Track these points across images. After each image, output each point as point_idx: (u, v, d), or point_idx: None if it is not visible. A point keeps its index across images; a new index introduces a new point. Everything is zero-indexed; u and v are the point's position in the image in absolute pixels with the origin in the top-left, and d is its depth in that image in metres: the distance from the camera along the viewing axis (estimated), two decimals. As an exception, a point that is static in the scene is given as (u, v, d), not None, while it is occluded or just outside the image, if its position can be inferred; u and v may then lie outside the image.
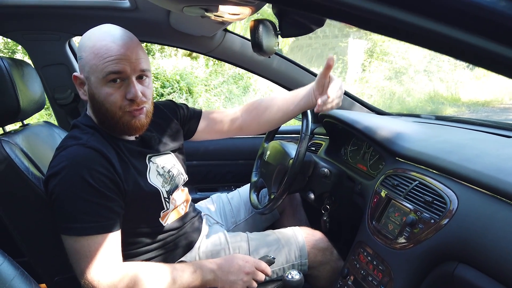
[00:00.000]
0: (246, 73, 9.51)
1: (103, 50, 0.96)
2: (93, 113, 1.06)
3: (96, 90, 0.99)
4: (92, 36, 0.99)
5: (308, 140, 1.28)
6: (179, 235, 1.20)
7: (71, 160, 0.95)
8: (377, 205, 1.17)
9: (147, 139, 1.16)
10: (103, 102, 1.00)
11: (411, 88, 10.63)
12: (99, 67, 0.96)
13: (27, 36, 1.54)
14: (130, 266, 0.99)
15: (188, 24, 1.36)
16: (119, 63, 0.96)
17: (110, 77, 0.97)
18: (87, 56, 0.97)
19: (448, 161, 1.02)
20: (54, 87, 1.64)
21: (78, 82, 1.04)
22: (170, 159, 1.22)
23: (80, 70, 1.02)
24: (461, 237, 0.86)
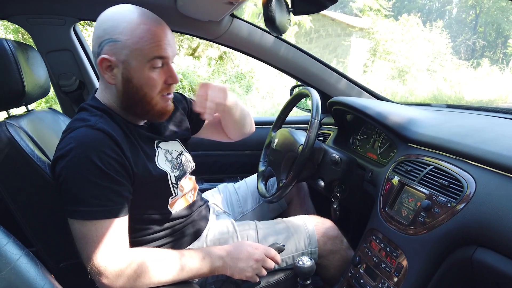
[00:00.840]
0: (248, 72, 9.56)
1: (149, 34, 0.94)
2: (121, 97, 1.02)
3: (136, 74, 0.97)
4: (128, 18, 0.95)
5: (318, 126, 1.25)
6: (187, 223, 1.18)
7: (79, 141, 0.92)
8: (389, 192, 1.14)
9: (156, 125, 1.15)
10: (142, 87, 0.98)
11: (414, 87, 10.63)
12: (144, 51, 0.95)
13: (31, 20, 1.51)
14: (137, 252, 0.96)
15: (195, 6, 1.34)
16: (166, 48, 0.97)
17: (155, 61, 0.96)
18: (127, 40, 0.94)
19: (464, 144, 0.99)
20: (59, 74, 1.62)
21: (105, 65, 0.97)
22: (177, 146, 1.20)
23: (109, 53, 0.95)
24: (480, 220, 0.83)
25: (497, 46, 20.97)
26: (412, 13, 13.97)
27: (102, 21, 0.97)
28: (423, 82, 10.82)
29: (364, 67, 12.37)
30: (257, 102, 8.13)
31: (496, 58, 17.09)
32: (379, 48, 12.14)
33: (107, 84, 1.02)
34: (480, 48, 19.88)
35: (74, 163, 0.90)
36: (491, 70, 12.15)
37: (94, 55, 0.99)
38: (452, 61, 12.74)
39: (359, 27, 13.72)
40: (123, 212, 0.94)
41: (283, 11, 0.92)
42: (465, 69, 12.36)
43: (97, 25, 0.97)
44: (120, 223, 0.93)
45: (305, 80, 1.83)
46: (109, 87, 1.02)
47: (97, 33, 0.97)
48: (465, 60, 13.81)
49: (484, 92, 9.83)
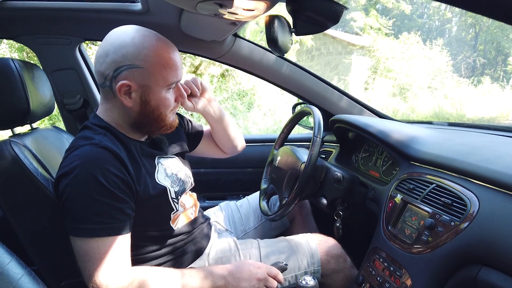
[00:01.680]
0: (250, 90, 9.63)
1: (170, 62, 1.00)
2: (136, 117, 1.04)
3: (155, 96, 1.01)
4: (148, 45, 0.97)
5: (320, 143, 1.25)
6: (188, 240, 1.18)
7: (83, 159, 0.93)
8: (392, 210, 1.13)
9: (157, 141, 1.18)
10: (159, 107, 1.03)
11: (415, 105, 10.66)
12: (165, 77, 1.00)
13: (37, 40, 1.54)
14: (139, 270, 0.96)
15: (199, 27, 1.36)
16: (180, 73, 1.05)
17: (172, 85, 1.04)
18: (149, 66, 0.97)
19: (466, 163, 0.99)
20: (63, 92, 1.64)
21: (124, 90, 0.98)
22: (176, 162, 1.21)
23: (129, 79, 0.97)
24: (484, 240, 0.83)
25: (497, 64, 21.11)
26: (412, 31, 14.12)
27: (119, 46, 0.96)
28: (424, 100, 10.86)
29: (365, 84, 12.45)
30: (259, 119, 8.16)
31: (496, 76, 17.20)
32: (380, 66, 12.23)
33: (116, 105, 1.03)
34: (480, 66, 20.03)
35: (78, 181, 0.91)
36: (492, 88, 12.20)
37: (105, 77, 0.99)
38: (453, 78, 12.81)
39: (360, 45, 13.87)
40: (125, 230, 0.94)
41: (285, 32, 0.94)
42: (466, 86, 12.41)
43: (113, 49, 0.97)
44: (123, 241, 0.93)
45: (307, 98, 1.85)
46: (119, 107, 1.04)
47: (113, 57, 0.96)
48: (465, 78, 13.90)
49: (485, 109, 9.85)
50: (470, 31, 23.31)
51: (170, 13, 1.31)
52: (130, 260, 0.95)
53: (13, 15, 1.43)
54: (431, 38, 15.58)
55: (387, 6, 20.59)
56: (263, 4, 0.86)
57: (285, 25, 0.94)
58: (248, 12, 0.92)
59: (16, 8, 1.41)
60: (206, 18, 1.19)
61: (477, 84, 12.95)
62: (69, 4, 1.42)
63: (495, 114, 9.66)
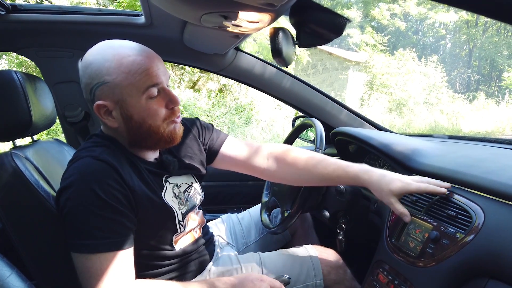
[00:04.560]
0: (248, 105, 9.68)
1: (135, 66, 0.90)
2: (127, 136, 0.99)
3: (135, 109, 0.93)
4: (109, 57, 0.91)
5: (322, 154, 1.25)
6: (191, 259, 1.15)
7: (81, 173, 0.91)
8: (395, 223, 1.13)
9: (166, 163, 1.10)
10: (145, 120, 0.95)
11: (411, 120, 10.73)
12: (136, 85, 0.91)
13: (40, 53, 1.54)
14: (142, 284, 0.93)
15: (201, 40, 1.37)
16: (156, 74, 0.93)
17: (150, 91, 0.92)
18: (115, 78, 0.90)
19: (470, 175, 0.99)
20: (65, 105, 1.64)
21: (102, 111, 0.93)
22: (188, 178, 1.18)
23: (102, 97, 0.92)
24: (490, 252, 0.82)
25: (492, 79, 21.38)
26: (407, 48, 14.31)
27: (85, 67, 0.93)
28: (420, 115, 10.95)
29: (361, 100, 12.54)
30: (257, 133, 8.17)
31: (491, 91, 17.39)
32: (376, 81, 12.35)
33: (108, 128, 1.00)
34: (475, 82, 20.26)
35: (77, 195, 0.89)
36: (487, 103, 12.33)
37: (89, 103, 0.97)
38: (448, 94, 12.94)
39: (356, 61, 14.02)
40: (128, 244, 0.91)
41: (289, 44, 0.95)
42: (461, 102, 12.52)
43: (81, 73, 0.94)
44: (125, 255, 0.91)
45: (307, 111, 1.86)
46: (112, 130, 0.99)
47: (84, 81, 0.94)
48: (460, 94, 14.04)
49: (481, 124, 9.93)
50: (464, 48, 23.65)
51: (174, 27, 1.32)
52: (133, 273, 0.93)
53: (16, 28, 1.44)
54: (426, 54, 15.82)
55: (382, 23, 20.91)
56: (267, 16, 0.87)
57: (289, 37, 0.95)
58: (252, 25, 0.92)
59: (19, 21, 1.41)
60: (209, 32, 1.20)
61: (472, 100, 13.08)
62: (72, 17, 1.43)
63: (490, 129, 9.73)
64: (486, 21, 21.64)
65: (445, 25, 24.03)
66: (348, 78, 14.23)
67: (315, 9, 0.92)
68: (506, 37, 21.55)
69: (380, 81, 12.27)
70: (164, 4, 0.96)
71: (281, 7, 0.81)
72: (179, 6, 0.92)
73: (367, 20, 21.98)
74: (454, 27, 24.26)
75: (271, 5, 0.78)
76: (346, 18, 0.91)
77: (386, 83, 12.13)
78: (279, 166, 1.25)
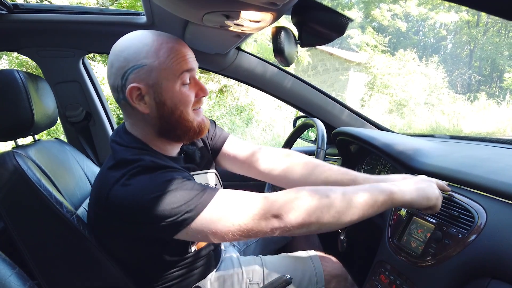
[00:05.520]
0: (248, 105, 9.69)
1: (173, 51, 0.91)
2: (158, 124, 0.96)
3: (169, 94, 0.92)
4: (147, 41, 0.91)
5: (324, 155, 1.25)
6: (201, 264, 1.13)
7: None
8: (397, 223, 1.13)
9: (190, 153, 1.11)
10: (177, 106, 0.94)
11: (412, 120, 10.73)
12: (172, 69, 0.91)
13: (41, 52, 1.54)
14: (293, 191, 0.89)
15: (203, 40, 1.37)
16: (190, 60, 0.94)
17: (184, 76, 0.93)
18: (154, 62, 0.90)
19: (473, 175, 0.99)
20: (66, 104, 1.64)
21: (135, 95, 0.92)
22: (212, 178, 1.16)
23: (137, 81, 0.91)
24: (493, 252, 0.82)
25: (493, 80, 21.37)
26: (408, 48, 14.30)
27: (120, 51, 0.92)
28: (421, 115, 10.93)
29: (361, 101, 12.54)
30: (257, 134, 8.17)
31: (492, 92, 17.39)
32: (376, 82, 12.34)
33: (138, 117, 0.97)
34: (475, 82, 20.26)
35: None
36: (488, 104, 12.31)
37: (117, 89, 0.94)
38: (449, 94, 12.93)
39: (356, 61, 14.02)
40: None
41: (291, 43, 0.95)
42: (462, 102, 12.51)
43: (114, 57, 0.93)
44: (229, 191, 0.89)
45: (308, 111, 1.85)
46: (140, 119, 0.97)
47: (117, 65, 0.92)
48: (461, 94, 14.03)
49: (482, 125, 9.92)
50: (465, 48, 23.65)
51: (175, 27, 1.32)
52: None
53: (18, 28, 1.44)
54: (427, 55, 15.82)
55: (383, 23, 20.92)
56: (269, 15, 0.87)
57: (291, 37, 0.95)
58: (254, 24, 0.92)
59: (21, 21, 1.41)
60: (211, 31, 1.19)
61: (473, 100, 13.07)
62: (74, 16, 1.43)
63: (491, 129, 9.72)
64: (487, 22, 21.65)
65: (445, 25, 24.03)
66: (348, 78, 14.22)
67: (317, 8, 0.92)
68: (507, 37, 21.55)
69: (380, 82, 12.26)
70: (166, 3, 0.96)
71: (283, 6, 0.81)
72: (181, 5, 0.92)
73: (367, 21, 21.99)
74: (455, 27, 24.26)
75: (274, 4, 0.77)
76: (348, 17, 0.90)
77: (386, 83, 12.12)
78: (281, 169, 1.22)
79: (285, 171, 1.21)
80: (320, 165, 1.17)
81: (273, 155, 1.24)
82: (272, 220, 0.83)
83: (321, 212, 0.84)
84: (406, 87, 11.93)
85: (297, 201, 0.85)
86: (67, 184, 1.14)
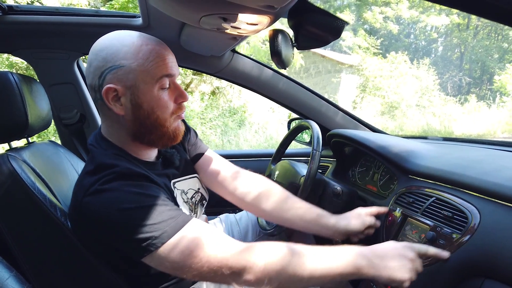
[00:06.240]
0: (241, 107, 9.68)
1: (153, 54, 0.89)
2: (132, 127, 0.94)
3: (146, 97, 0.91)
4: (127, 42, 0.89)
5: (319, 157, 1.26)
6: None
7: None
8: (392, 224, 1.14)
9: (169, 157, 1.08)
10: (154, 110, 0.92)
11: (404, 122, 10.81)
12: (151, 72, 0.89)
13: (36, 54, 1.53)
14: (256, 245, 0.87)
15: (199, 42, 1.37)
16: (171, 66, 0.93)
17: (163, 81, 0.91)
18: (132, 63, 0.88)
19: (466, 176, 1.00)
20: (60, 107, 1.63)
21: (111, 95, 0.90)
22: (195, 183, 1.15)
23: (114, 82, 0.89)
24: (486, 252, 0.83)
25: (483, 82, 21.59)
26: (399, 51, 14.42)
27: (99, 50, 0.90)
28: (412, 118, 11.02)
29: (353, 103, 12.61)
30: (250, 136, 8.17)
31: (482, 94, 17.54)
32: (368, 84, 12.43)
33: (113, 118, 0.95)
34: (466, 85, 20.45)
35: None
36: (478, 106, 12.45)
37: (94, 89, 0.92)
38: (440, 97, 13.05)
39: (349, 64, 14.11)
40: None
41: (288, 46, 0.95)
42: (453, 104, 12.63)
43: (93, 56, 0.91)
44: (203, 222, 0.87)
45: (303, 113, 1.86)
46: (115, 121, 0.95)
47: (95, 64, 0.90)
48: (452, 96, 14.16)
49: (473, 127, 10.02)
50: (455, 51, 23.89)
51: (171, 29, 1.32)
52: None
53: (13, 29, 1.43)
54: (418, 57, 15.91)
55: (375, 26, 21.08)
56: (266, 18, 0.87)
57: (288, 39, 0.95)
58: (251, 27, 0.93)
59: (16, 22, 1.40)
60: (207, 34, 1.20)
61: (463, 102, 13.20)
62: (69, 18, 1.42)
63: (482, 131, 9.83)
64: (477, 25, 21.91)
65: (436, 28, 24.25)
66: (340, 81, 14.30)
67: (313, 11, 0.93)
68: (497, 40, 21.81)
69: (372, 84, 12.35)
70: (163, 6, 0.96)
71: (280, 9, 0.82)
72: (178, 8, 0.92)
73: (359, 23, 22.14)
74: (445, 30, 24.50)
75: (271, 7, 0.78)
76: (344, 20, 0.91)
77: (378, 85, 12.21)
78: (255, 197, 1.22)
79: (259, 200, 1.21)
80: (291, 199, 1.19)
81: (250, 181, 1.24)
82: (235, 273, 0.81)
83: (285, 280, 0.83)
84: (398, 89, 12.02)
85: (267, 261, 0.82)
86: (61, 186, 1.13)
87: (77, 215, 0.88)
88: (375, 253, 0.90)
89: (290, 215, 1.17)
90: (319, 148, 1.27)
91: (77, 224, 0.92)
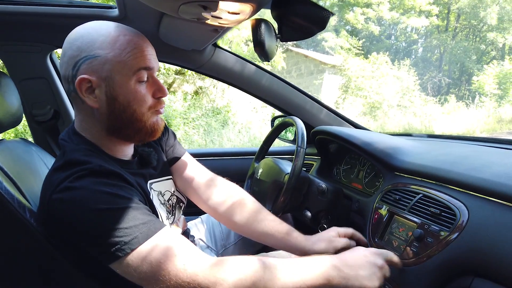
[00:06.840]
0: (224, 107, 9.64)
1: (131, 45, 0.85)
2: (106, 121, 0.90)
3: (122, 90, 0.86)
4: (104, 32, 0.85)
5: (304, 154, 1.23)
6: None
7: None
8: (378, 222, 1.11)
9: (145, 156, 1.04)
10: (130, 103, 0.87)
11: (385, 122, 10.94)
12: (128, 63, 0.85)
13: (6, 47, 1.45)
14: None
15: (178, 35, 1.31)
16: (150, 58, 0.88)
17: (140, 74, 0.87)
18: (108, 53, 0.83)
19: (453, 172, 0.98)
20: (32, 103, 1.55)
21: (85, 87, 0.85)
22: (170, 185, 1.11)
23: (88, 72, 0.84)
24: (475, 250, 0.81)
25: (462, 83, 22.05)
26: (381, 52, 14.59)
27: (74, 39, 0.86)
28: (394, 118, 11.17)
29: (336, 104, 12.71)
30: (234, 136, 8.13)
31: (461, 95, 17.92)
32: (351, 84, 12.53)
33: (86, 111, 0.90)
34: (445, 85, 20.84)
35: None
36: (457, 106, 12.70)
37: (67, 80, 0.87)
38: (420, 97, 13.26)
39: (331, 64, 14.21)
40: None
41: (271, 37, 0.91)
42: (433, 105, 12.86)
43: (68, 45, 0.86)
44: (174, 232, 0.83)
45: (287, 109, 1.83)
46: (89, 114, 0.90)
47: (69, 53, 0.86)
48: (432, 97, 14.40)
49: (452, 126, 10.22)
50: (435, 52, 24.34)
51: (149, 20, 1.26)
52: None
53: None
54: (399, 58, 16.16)
55: (356, 27, 21.31)
56: (248, 7, 0.83)
57: (272, 30, 0.91)
58: (233, 16, 0.88)
59: None
60: (187, 25, 1.15)
61: (443, 103, 13.45)
62: (41, 8, 1.34)
63: (461, 131, 10.03)
64: (456, 27, 22.37)
65: (417, 29, 24.69)
66: (322, 82, 14.40)
67: (298, 1, 0.89)
68: (475, 42, 22.32)
69: (355, 84, 12.47)
70: (140, -6, 0.91)
71: (263, -3, 0.78)
72: (155, -5, 0.87)
73: (342, 24, 22.35)
74: (425, 31, 24.96)
75: (253, -5, 0.74)
76: (329, 11, 0.88)
77: (360, 86, 12.34)
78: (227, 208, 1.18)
79: (231, 212, 1.18)
80: (262, 213, 1.17)
81: (224, 191, 1.21)
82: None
83: None
84: (380, 90, 12.17)
85: (238, 277, 0.79)
86: (33, 187, 1.07)
87: (45, 213, 0.83)
88: (346, 262, 0.88)
89: (261, 227, 1.14)
90: (303, 145, 1.24)
91: (45, 224, 0.86)
